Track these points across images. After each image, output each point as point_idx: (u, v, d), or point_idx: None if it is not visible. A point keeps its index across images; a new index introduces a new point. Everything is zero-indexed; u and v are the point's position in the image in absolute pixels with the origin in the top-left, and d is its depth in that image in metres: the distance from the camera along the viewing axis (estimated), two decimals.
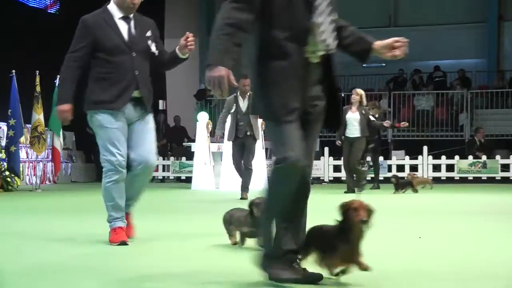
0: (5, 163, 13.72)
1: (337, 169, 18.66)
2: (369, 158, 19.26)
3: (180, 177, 19.32)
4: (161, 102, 22.12)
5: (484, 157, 18.33)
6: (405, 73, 23.11)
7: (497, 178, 18.05)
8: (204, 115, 15.35)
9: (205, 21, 23.15)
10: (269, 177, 3.37)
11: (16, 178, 13.86)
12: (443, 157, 18.44)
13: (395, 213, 7.84)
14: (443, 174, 18.39)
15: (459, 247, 4.89)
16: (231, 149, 11.09)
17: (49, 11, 20.79)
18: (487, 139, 19.68)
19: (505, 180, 17.86)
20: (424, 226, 6.47)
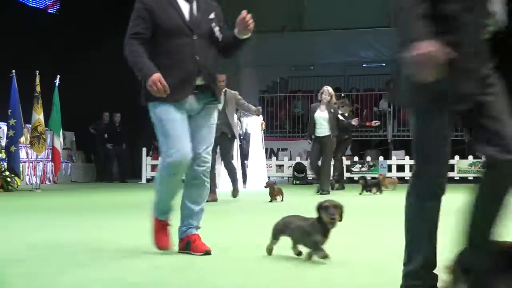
0: (5, 163, 13.74)
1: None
2: (369, 158, 19.37)
3: None
4: None
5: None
6: None
7: None
8: None
9: None
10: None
11: (16, 178, 13.89)
12: None
13: (395, 213, 7.83)
14: None
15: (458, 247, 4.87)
16: None
17: (49, 11, 20.77)
18: None
19: None
20: None
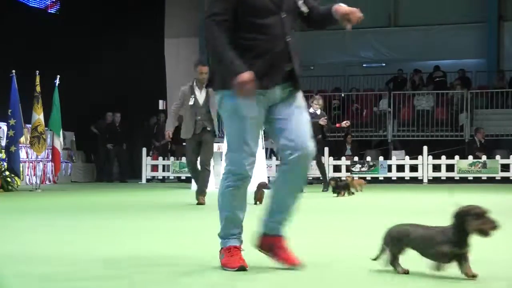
0: (5, 163, 13.73)
1: (337, 169, 18.70)
2: (369, 158, 19.36)
3: (180, 177, 19.32)
4: (161, 102, 22.11)
5: (484, 157, 18.34)
6: (405, 73, 23.10)
7: (497, 178, 18.05)
8: None
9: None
10: None
11: (16, 178, 13.89)
12: (443, 157, 18.44)
13: (393, 213, 7.83)
14: (443, 174, 18.39)
15: None
16: (186, 147, 9.71)
17: (49, 11, 20.77)
18: (487, 139, 19.71)
19: (505, 180, 17.87)
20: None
